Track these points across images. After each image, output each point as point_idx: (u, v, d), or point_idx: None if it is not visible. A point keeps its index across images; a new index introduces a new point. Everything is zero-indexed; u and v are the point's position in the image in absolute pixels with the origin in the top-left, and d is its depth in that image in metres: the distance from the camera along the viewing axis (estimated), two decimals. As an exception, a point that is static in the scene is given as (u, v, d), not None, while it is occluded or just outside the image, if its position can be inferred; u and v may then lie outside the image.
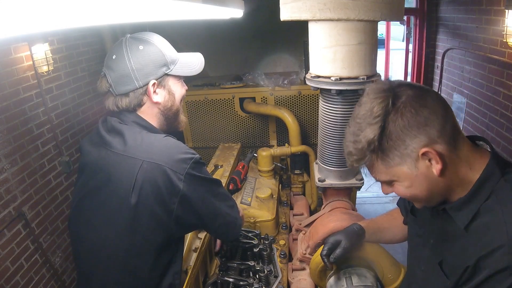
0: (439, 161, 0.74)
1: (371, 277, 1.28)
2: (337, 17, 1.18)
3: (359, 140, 0.78)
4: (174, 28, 2.66)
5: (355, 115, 0.82)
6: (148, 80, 1.09)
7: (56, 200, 2.37)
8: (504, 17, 2.24)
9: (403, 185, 0.81)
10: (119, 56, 1.07)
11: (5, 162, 1.95)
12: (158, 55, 1.10)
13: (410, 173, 0.78)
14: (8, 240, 1.94)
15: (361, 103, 0.81)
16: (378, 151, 0.77)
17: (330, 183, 1.57)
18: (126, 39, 1.10)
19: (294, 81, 2.75)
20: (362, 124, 0.78)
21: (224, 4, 1.33)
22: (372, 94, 0.79)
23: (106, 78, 1.10)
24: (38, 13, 0.46)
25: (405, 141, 0.74)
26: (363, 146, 0.77)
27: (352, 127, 0.81)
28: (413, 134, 0.74)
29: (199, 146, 3.05)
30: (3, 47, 1.93)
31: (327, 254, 1.23)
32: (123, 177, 1.03)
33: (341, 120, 1.40)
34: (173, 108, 1.19)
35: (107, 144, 1.09)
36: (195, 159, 1.07)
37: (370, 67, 1.30)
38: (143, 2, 0.73)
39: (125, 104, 1.11)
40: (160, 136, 1.11)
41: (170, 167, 1.02)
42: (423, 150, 0.74)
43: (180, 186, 1.03)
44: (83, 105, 2.67)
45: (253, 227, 1.82)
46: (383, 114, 0.75)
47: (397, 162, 0.77)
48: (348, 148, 0.82)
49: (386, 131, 0.75)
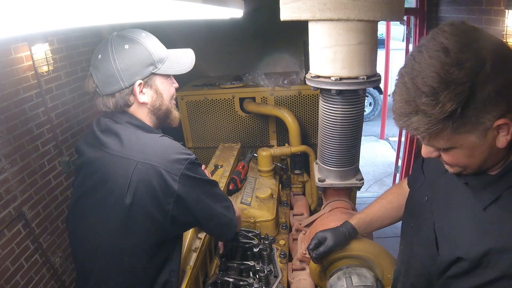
0: (510, 133, 0.65)
1: (371, 277, 1.28)
2: (337, 17, 1.18)
3: (438, 104, 0.61)
4: (174, 28, 2.67)
5: (425, 62, 0.63)
6: (134, 80, 1.06)
7: (56, 200, 2.37)
8: (504, 17, 2.24)
9: (461, 153, 0.70)
10: (105, 55, 1.04)
11: (5, 162, 1.95)
12: (144, 54, 1.06)
13: (476, 142, 0.67)
14: (8, 240, 1.94)
15: (437, 48, 0.63)
16: (457, 119, 0.63)
17: (330, 183, 1.57)
18: (112, 37, 1.06)
19: (294, 81, 2.75)
20: (444, 82, 0.61)
21: (224, 4, 1.33)
22: (457, 43, 0.62)
23: (92, 78, 1.08)
24: (38, 13, 0.46)
25: (485, 109, 0.62)
26: (443, 113, 0.62)
27: (420, 81, 0.63)
28: (497, 101, 0.62)
29: (199, 146, 3.05)
30: (3, 47, 1.93)
31: (312, 249, 1.25)
32: (118, 178, 1.03)
33: (341, 120, 1.40)
34: (162, 107, 1.16)
35: (102, 144, 1.08)
36: (190, 159, 1.07)
37: (370, 67, 1.30)
38: (143, 2, 0.73)
39: (112, 105, 1.09)
40: (156, 136, 1.10)
41: (164, 168, 1.02)
42: (501, 121, 0.63)
43: (175, 187, 1.02)
44: (83, 105, 2.66)
45: (253, 227, 1.82)
46: (473, 74, 0.60)
47: (467, 129, 0.65)
48: (411, 108, 0.65)
49: (473, 96, 0.61)
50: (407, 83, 0.65)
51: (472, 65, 0.60)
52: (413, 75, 0.64)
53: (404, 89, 0.66)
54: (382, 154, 5.64)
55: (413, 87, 0.64)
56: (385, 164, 5.23)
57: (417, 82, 0.63)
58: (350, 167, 1.54)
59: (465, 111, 0.62)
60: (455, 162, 0.74)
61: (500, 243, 0.68)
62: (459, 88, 0.60)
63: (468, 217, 0.77)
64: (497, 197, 0.72)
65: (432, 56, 0.63)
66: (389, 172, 4.91)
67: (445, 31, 0.64)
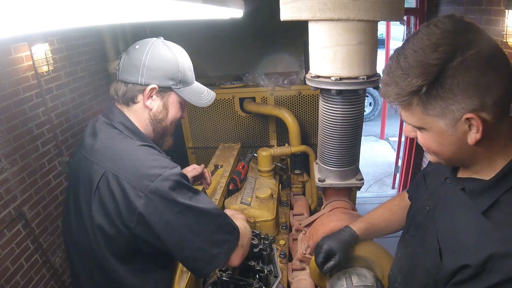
0: (480, 132, 0.68)
1: (371, 277, 1.28)
2: (337, 17, 1.18)
3: (407, 78, 0.68)
4: (174, 28, 2.67)
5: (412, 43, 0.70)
6: (150, 82, 1.08)
7: (56, 200, 2.37)
8: (504, 17, 2.23)
9: (431, 137, 0.75)
10: (141, 48, 1.08)
11: (5, 162, 1.95)
12: (173, 67, 1.10)
13: (445, 130, 0.71)
14: (8, 240, 1.94)
15: (424, 33, 0.69)
16: (423, 96, 0.69)
17: (330, 183, 1.57)
18: (158, 39, 1.12)
19: (294, 81, 2.75)
20: (417, 60, 0.67)
21: (224, 4, 1.33)
22: (442, 29, 0.67)
23: (119, 61, 1.12)
24: (38, 13, 0.46)
25: (455, 97, 0.66)
26: (410, 87, 0.68)
27: (402, 58, 0.70)
28: (468, 93, 0.65)
29: (199, 146, 3.05)
30: (3, 47, 1.93)
31: (322, 263, 1.24)
32: (87, 181, 1.02)
33: (341, 120, 1.40)
34: (162, 123, 1.16)
35: (83, 146, 1.09)
36: (164, 176, 0.94)
37: (370, 67, 1.30)
38: (143, 2, 0.73)
39: (121, 92, 1.10)
40: (134, 145, 1.04)
41: (129, 182, 0.94)
42: (469, 114, 0.66)
43: (136, 204, 0.92)
44: (83, 105, 2.66)
45: (253, 227, 1.82)
46: (446, 59, 0.65)
47: (436, 113, 0.70)
48: (390, 79, 0.72)
49: (442, 79, 0.66)
50: (393, 59, 0.73)
51: (446, 50, 0.65)
52: (399, 53, 0.72)
53: (390, 64, 0.74)
54: (382, 154, 5.64)
55: (396, 62, 0.72)
56: (385, 164, 5.23)
57: (400, 59, 0.71)
58: (350, 167, 1.54)
59: (431, 91, 0.68)
60: (426, 146, 0.79)
61: (502, 248, 0.68)
62: (429, 68, 0.66)
63: (469, 223, 0.77)
64: (495, 202, 0.73)
65: (418, 39, 0.69)
66: (389, 172, 4.91)
67: (441, 20, 0.69)
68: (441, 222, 0.86)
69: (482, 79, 0.65)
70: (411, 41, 0.70)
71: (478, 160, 0.76)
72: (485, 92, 0.65)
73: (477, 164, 0.78)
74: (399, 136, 4.40)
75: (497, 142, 0.73)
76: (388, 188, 4.58)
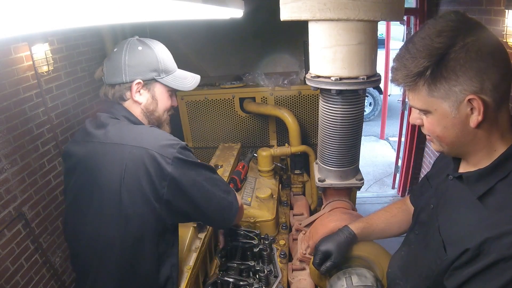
0: (481, 114, 0.73)
1: (371, 277, 1.28)
2: (337, 17, 1.18)
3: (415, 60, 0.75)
4: (174, 28, 2.67)
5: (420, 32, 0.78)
6: (134, 78, 1.16)
7: (56, 200, 2.37)
8: (504, 17, 2.24)
9: (436, 120, 0.80)
10: (119, 49, 1.16)
11: (5, 162, 1.95)
12: (152, 60, 1.17)
13: (448, 112, 0.76)
14: (8, 240, 1.94)
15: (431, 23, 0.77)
16: (428, 78, 0.75)
17: (330, 183, 1.57)
18: (133, 38, 1.20)
19: (294, 81, 2.75)
20: (424, 44, 0.75)
21: (224, 4, 1.33)
22: (447, 20, 0.75)
23: (103, 67, 1.19)
24: (38, 13, 0.46)
25: (458, 78, 0.72)
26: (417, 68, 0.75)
27: (411, 45, 0.78)
28: (469, 75, 0.71)
29: (199, 146, 3.05)
30: (3, 47, 1.93)
31: (319, 264, 1.27)
32: (113, 165, 1.06)
33: (341, 120, 1.40)
34: (155, 113, 1.24)
35: (93, 137, 1.13)
36: (181, 144, 1.11)
37: (370, 67, 1.30)
38: (143, 2, 0.73)
39: (110, 95, 1.18)
40: (146, 126, 1.18)
41: (157, 151, 1.05)
42: (471, 96, 0.72)
43: (168, 169, 1.05)
44: (83, 105, 2.66)
45: (253, 227, 1.82)
46: (449, 43, 0.72)
47: (441, 94, 0.75)
48: (399, 63, 0.79)
49: (445, 61, 0.72)
50: (403, 47, 0.81)
51: (449, 35, 0.72)
52: (408, 41, 0.80)
53: (400, 52, 0.82)
54: (382, 154, 5.64)
55: (405, 49, 0.79)
56: (385, 164, 5.23)
57: (408, 46, 0.78)
58: (350, 167, 1.54)
59: (436, 73, 0.74)
60: (431, 130, 0.83)
61: (496, 231, 0.71)
62: (434, 51, 0.73)
63: (467, 211, 0.81)
64: (491, 189, 0.77)
65: (425, 29, 0.77)
66: (389, 172, 4.91)
67: (446, 14, 0.77)
68: (443, 215, 0.89)
69: (481, 63, 0.71)
70: (420, 31, 0.78)
71: (478, 148, 0.80)
72: (484, 75, 0.71)
73: (477, 154, 0.82)
74: (399, 136, 4.40)
75: (496, 130, 0.78)
76: (388, 188, 4.58)
